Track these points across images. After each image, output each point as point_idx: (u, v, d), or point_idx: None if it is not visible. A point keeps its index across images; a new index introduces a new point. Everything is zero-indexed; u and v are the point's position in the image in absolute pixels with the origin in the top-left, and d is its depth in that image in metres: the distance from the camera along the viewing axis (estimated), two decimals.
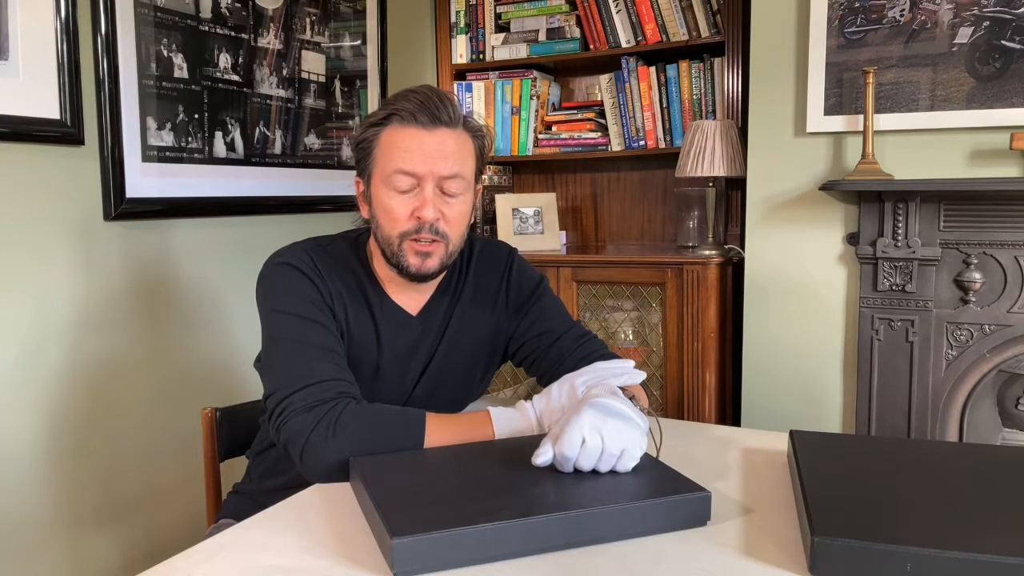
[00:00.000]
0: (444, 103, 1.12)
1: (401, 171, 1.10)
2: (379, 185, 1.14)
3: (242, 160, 2.21)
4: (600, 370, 1.08)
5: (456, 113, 1.13)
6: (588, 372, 1.07)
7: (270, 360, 1.10)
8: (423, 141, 1.10)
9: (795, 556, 0.77)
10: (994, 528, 0.75)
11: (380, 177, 1.13)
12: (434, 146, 1.11)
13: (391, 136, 1.12)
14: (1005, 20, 1.91)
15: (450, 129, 1.12)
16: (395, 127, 1.12)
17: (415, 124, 1.11)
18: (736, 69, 2.42)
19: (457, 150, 1.13)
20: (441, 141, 1.11)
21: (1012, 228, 1.92)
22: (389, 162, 1.12)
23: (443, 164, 1.11)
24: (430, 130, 1.11)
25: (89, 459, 1.84)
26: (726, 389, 2.37)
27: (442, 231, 1.13)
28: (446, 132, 1.12)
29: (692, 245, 2.55)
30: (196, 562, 0.79)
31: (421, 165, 1.10)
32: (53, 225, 1.75)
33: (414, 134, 1.11)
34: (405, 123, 1.11)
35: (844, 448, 1.00)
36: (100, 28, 1.79)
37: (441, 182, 1.12)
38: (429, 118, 1.11)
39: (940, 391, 2.02)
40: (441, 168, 1.11)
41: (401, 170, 1.10)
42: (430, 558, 0.74)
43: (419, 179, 1.11)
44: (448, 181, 1.12)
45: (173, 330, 2.04)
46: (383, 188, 1.13)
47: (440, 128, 1.12)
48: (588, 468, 0.89)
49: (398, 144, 1.11)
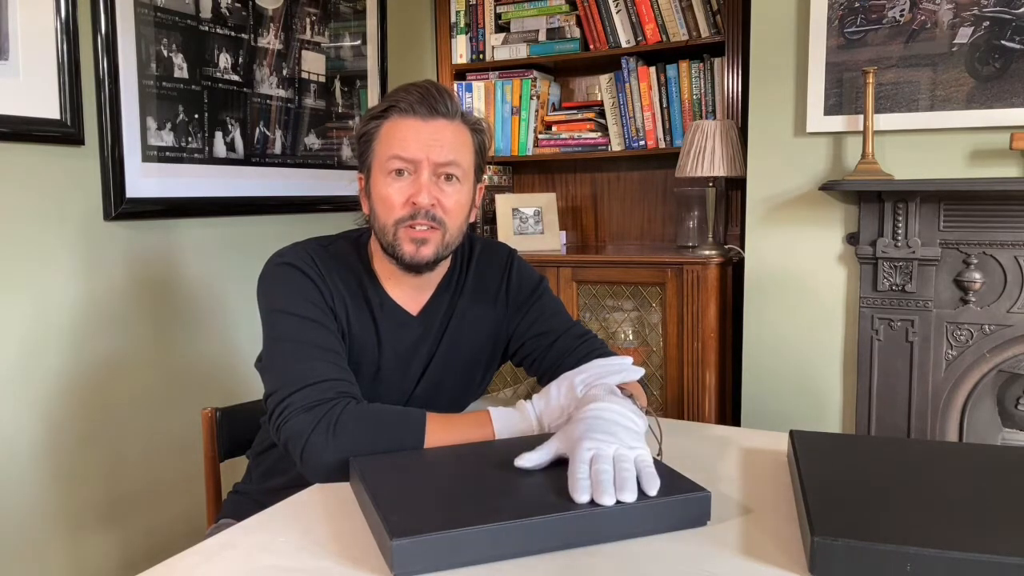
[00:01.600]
0: (443, 96, 1.13)
1: (397, 156, 1.11)
2: (377, 175, 1.15)
3: (242, 160, 2.21)
4: (598, 367, 1.07)
5: (454, 106, 1.15)
6: (586, 370, 1.07)
7: (271, 360, 1.10)
8: (420, 130, 1.12)
9: (795, 556, 0.77)
10: (994, 528, 0.75)
11: (378, 167, 1.14)
12: (430, 134, 1.12)
13: (390, 128, 1.13)
14: (1005, 20, 1.91)
15: (447, 120, 1.14)
16: (395, 119, 1.13)
17: (413, 115, 1.12)
18: (736, 69, 2.42)
19: (454, 139, 1.14)
20: (438, 130, 1.12)
21: (1012, 228, 1.92)
22: (386, 150, 1.13)
23: (438, 151, 1.12)
24: (427, 120, 1.12)
25: (89, 459, 1.84)
26: (726, 389, 2.37)
27: (439, 217, 1.13)
28: (443, 122, 1.13)
29: (692, 245, 2.55)
30: (196, 562, 0.79)
31: (417, 151, 1.11)
32: (53, 225, 1.75)
33: (412, 124, 1.12)
34: (404, 115, 1.12)
35: (844, 448, 1.00)
36: (100, 28, 1.79)
37: (437, 169, 1.12)
38: (427, 109, 1.12)
39: (940, 391, 2.02)
40: (436, 155, 1.12)
41: (397, 156, 1.11)
42: (430, 559, 0.74)
43: (415, 165, 1.12)
44: (444, 167, 1.13)
45: (173, 330, 2.04)
46: (380, 177, 1.14)
47: (438, 118, 1.13)
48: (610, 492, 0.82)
49: (396, 134, 1.12)
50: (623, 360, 1.09)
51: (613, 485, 0.82)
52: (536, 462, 0.90)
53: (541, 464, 0.90)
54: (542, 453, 0.90)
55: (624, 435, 0.90)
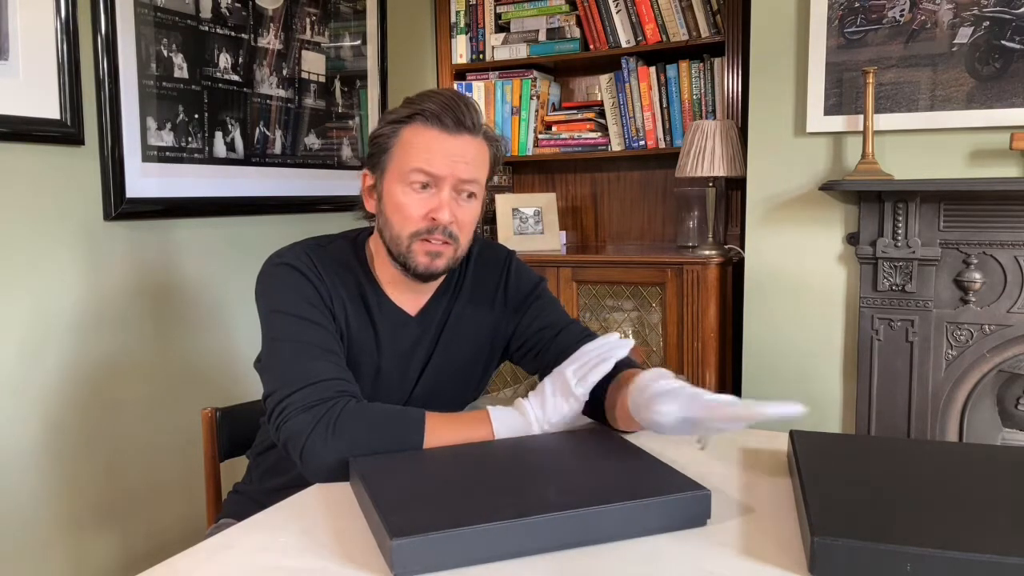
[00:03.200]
0: (469, 109, 1.13)
1: (421, 170, 1.11)
2: (394, 182, 1.14)
3: (242, 160, 2.21)
4: (587, 354, 1.06)
5: (479, 120, 1.14)
6: (576, 359, 1.06)
7: (270, 360, 1.10)
8: (445, 144, 1.11)
9: (795, 556, 0.77)
10: (994, 528, 0.75)
11: (396, 174, 1.13)
12: (456, 150, 1.11)
13: (412, 135, 1.12)
14: (1005, 20, 1.91)
15: (472, 136, 1.13)
16: (417, 126, 1.12)
17: (439, 126, 1.11)
18: (736, 69, 2.42)
19: (476, 156, 1.14)
20: (463, 146, 1.12)
21: (1012, 228, 1.92)
22: (408, 160, 1.12)
23: (463, 168, 1.12)
24: (453, 134, 1.11)
25: (89, 459, 1.84)
26: (726, 389, 2.37)
27: (454, 234, 1.13)
28: (468, 138, 1.13)
29: (692, 245, 2.55)
30: (196, 562, 0.79)
31: (442, 167, 1.11)
32: (53, 225, 1.75)
33: (437, 136, 1.11)
34: (428, 123, 1.11)
35: (844, 448, 1.00)
36: (100, 28, 1.79)
37: (458, 185, 1.12)
38: (453, 122, 1.11)
39: (940, 391, 2.02)
40: (461, 172, 1.11)
41: (421, 169, 1.11)
42: (430, 558, 0.74)
43: (438, 180, 1.11)
44: (465, 185, 1.13)
45: (173, 330, 2.04)
46: (398, 185, 1.13)
47: (463, 133, 1.12)
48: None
49: (419, 144, 1.11)
50: (608, 339, 1.07)
51: None
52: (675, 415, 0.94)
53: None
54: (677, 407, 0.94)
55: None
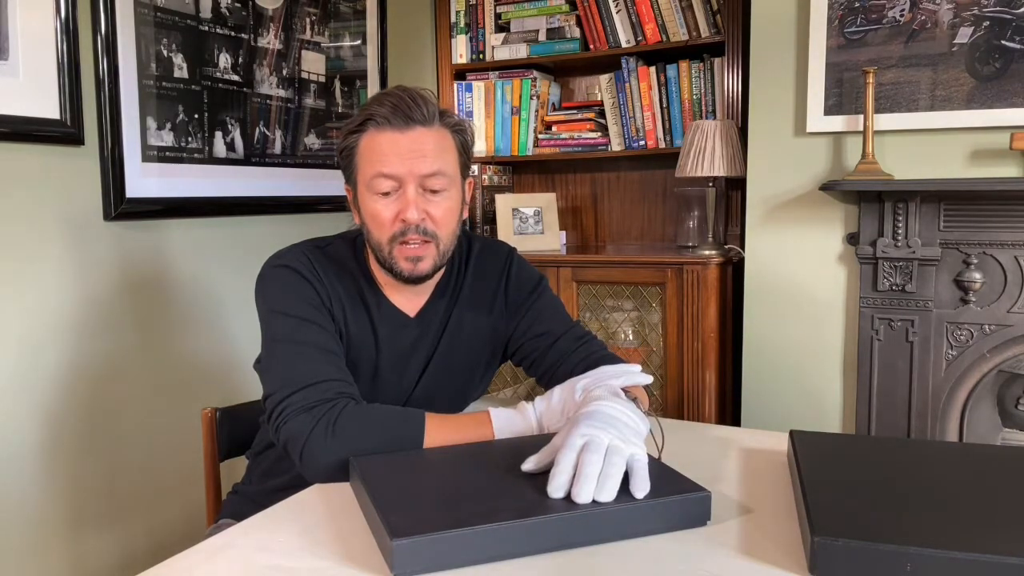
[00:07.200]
0: (417, 102, 1.11)
1: (381, 174, 1.10)
2: (363, 191, 1.14)
3: (242, 160, 2.21)
4: (604, 374, 1.06)
5: (430, 110, 1.12)
6: (591, 375, 1.07)
7: (269, 361, 1.10)
8: (399, 143, 1.10)
9: (795, 556, 0.77)
10: (994, 528, 0.75)
11: (364, 184, 1.13)
12: (410, 146, 1.10)
13: (368, 141, 1.12)
14: (1005, 20, 1.91)
15: (425, 127, 1.11)
16: (372, 132, 1.11)
17: (390, 127, 1.10)
18: (736, 69, 2.42)
19: (435, 147, 1.12)
20: (417, 140, 1.10)
21: (1012, 228, 1.92)
22: (369, 167, 1.11)
23: (421, 163, 1.10)
24: (405, 131, 1.10)
25: (89, 459, 1.84)
26: (726, 389, 2.37)
27: (430, 231, 1.12)
28: (422, 130, 1.11)
29: (692, 245, 2.55)
30: (196, 562, 0.79)
31: (399, 166, 1.09)
32: (53, 225, 1.75)
33: (390, 137, 1.10)
34: (381, 127, 1.10)
35: (844, 448, 1.00)
36: (100, 28, 1.79)
37: (422, 181, 1.11)
38: (403, 119, 1.10)
39: (940, 391, 2.02)
40: (420, 167, 1.10)
41: (380, 173, 1.10)
42: (430, 559, 0.74)
43: (399, 180, 1.10)
44: (430, 179, 1.11)
45: (173, 330, 2.04)
46: (367, 194, 1.13)
47: (415, 127, 1.10)
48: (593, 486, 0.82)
49: (376, 149, 1.11)
50: (631, 367, 1.08)
51: (596, 480, 0.81)
52: (537, 463, 0.89)
53: (543, 464, 0.89)
54: (543, 455, 0.89)
55: (624, 430, 0.89)
